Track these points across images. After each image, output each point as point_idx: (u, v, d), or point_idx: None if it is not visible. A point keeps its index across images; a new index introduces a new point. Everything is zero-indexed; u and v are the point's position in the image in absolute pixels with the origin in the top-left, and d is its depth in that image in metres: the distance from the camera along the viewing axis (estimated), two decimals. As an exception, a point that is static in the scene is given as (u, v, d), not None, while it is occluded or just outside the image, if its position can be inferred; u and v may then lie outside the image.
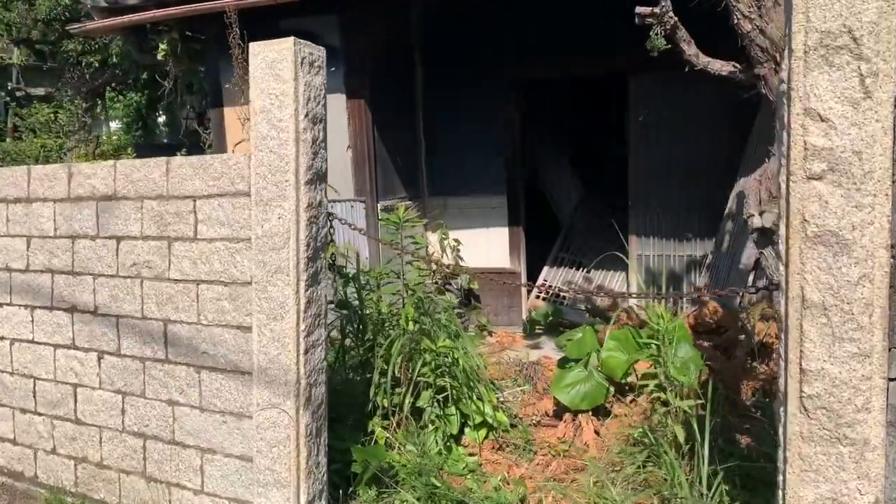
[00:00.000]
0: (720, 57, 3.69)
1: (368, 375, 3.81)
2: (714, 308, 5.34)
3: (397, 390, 3.82)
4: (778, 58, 2.94)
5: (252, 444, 3.06)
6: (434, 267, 6.52)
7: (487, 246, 6.74)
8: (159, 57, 6.47)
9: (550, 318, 6.75)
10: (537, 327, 6.72)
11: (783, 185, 2.01)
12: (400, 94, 6.65)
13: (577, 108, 9.23)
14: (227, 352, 3.14)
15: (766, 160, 3.21)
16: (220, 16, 4.68)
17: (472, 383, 3.97)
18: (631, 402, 4.33)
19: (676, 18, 3.22)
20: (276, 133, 2.95)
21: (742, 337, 5.22)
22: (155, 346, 3.35)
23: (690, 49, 3.19)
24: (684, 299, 6.47)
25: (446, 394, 3.78)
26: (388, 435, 3.66)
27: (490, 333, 6.71)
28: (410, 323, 3.77)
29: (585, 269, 7.24)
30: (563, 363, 4.75)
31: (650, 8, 3.19)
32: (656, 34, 3.28)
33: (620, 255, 5.76)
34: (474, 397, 3.98)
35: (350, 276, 4.10)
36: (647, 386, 4.42)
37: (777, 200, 3.04)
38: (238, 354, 3.11)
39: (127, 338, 3.41)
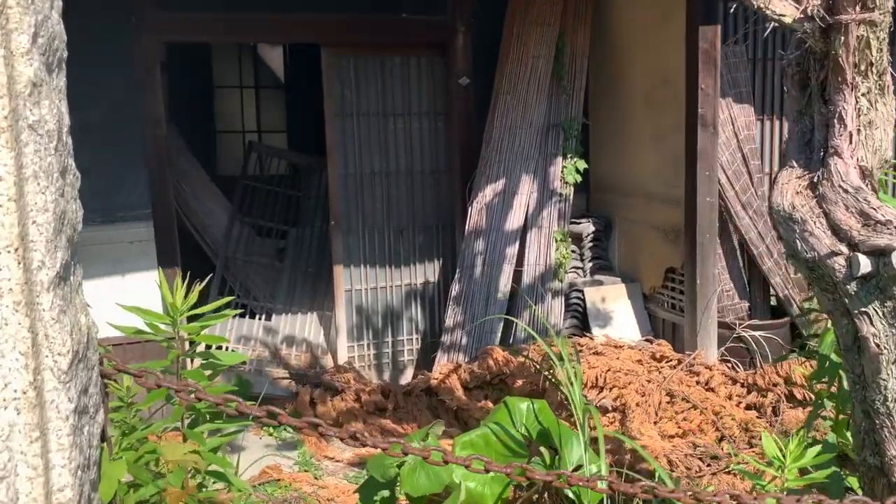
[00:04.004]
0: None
1: None
2: (504, 357, 4.23)
3: None
4: (870, 1, 1.88)
5: None
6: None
7: (129, 303, 4.43)
8: None
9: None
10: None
11: None
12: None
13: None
14: None
15: (793, 163, 2.15)
16: None
17: None
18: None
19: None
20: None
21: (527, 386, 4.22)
22: None
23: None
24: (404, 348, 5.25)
25: None
26: None
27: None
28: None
29: (264, 316, 5.42)
30: (370, 496, 3.06)
31: None
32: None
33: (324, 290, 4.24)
34: None
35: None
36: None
37: (886, 228, 2.03)
38: None
39: None
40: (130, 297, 4.54)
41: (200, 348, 2.24)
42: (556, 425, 3.07)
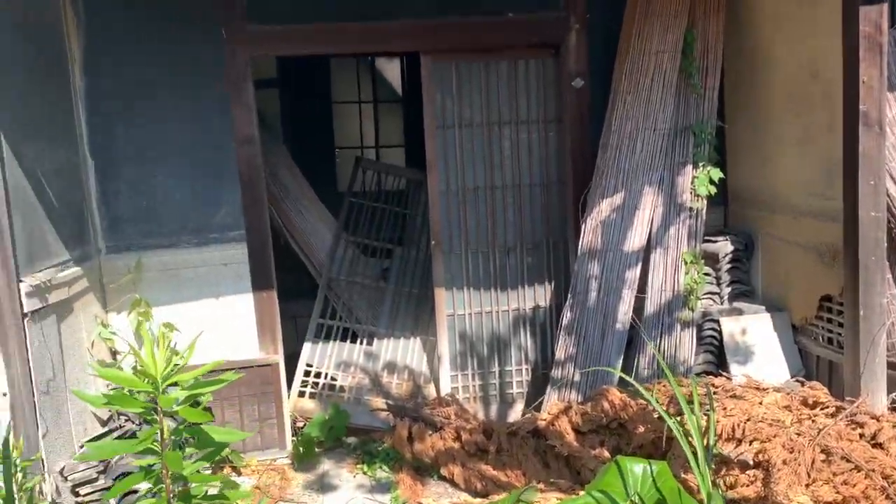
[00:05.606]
0: None
1: None
2: (621, 401, 3.68)
3: None
4: None
5: None
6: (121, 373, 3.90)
7: (220, 327, 4.29)
8: None
9: (332, 428, 4.53)
10: (315, 446, 4.44)
11: None
12: (46, 76, 3.88)
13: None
14: None
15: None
16: None
17: None
18: None
19: None
20: None
21: (651, 435, 3.65)
22: None
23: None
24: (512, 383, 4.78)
25: None
26: None
27: (237, 470, 4.26)
28: None
29: (366, 340, 5.14)
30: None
31: None
32: None
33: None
34: None
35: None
36: None
37: None
38: None
39: None
40: (224, 321, 4.41)
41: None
42: (678, 495, 2.53)
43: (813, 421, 3.58)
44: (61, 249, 3.79)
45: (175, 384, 1.60)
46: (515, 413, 4.75)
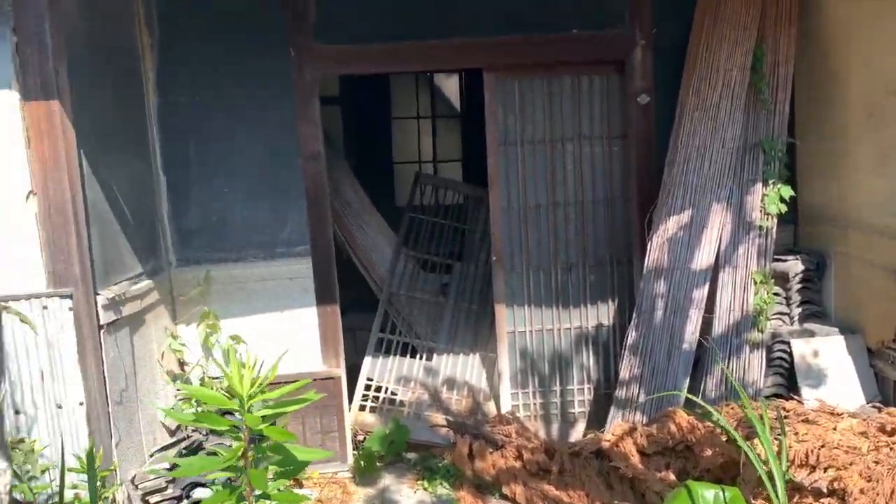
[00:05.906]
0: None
1: None
2: (689, 424, 3.60)
3: None
4: None
5: None
6: (207, 391, 4.00)
7: (286, 339, 4.34)
8: None
9: (392, 443, 4.54)
10: (376, 460, 4.46)
11: None
12: (122, 94, 4.01)
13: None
14: None
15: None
16: None
17: None
18: None
19: None
20: None
21: (719, 458, 3.55)
22: None
23: None
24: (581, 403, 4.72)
25: None
26: None
27: (299, 482, 4.30)
28: None
29: (425, 355, 5.14)
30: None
31: None
32: None
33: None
34: None
35: None
36: None
37: None
38: None
39: None
40: (289, 334, 4.46)
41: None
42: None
43: (891, 449, 3.43)
44: (134, 263, 3.91)
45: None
46: (577, 433, 4.69)
